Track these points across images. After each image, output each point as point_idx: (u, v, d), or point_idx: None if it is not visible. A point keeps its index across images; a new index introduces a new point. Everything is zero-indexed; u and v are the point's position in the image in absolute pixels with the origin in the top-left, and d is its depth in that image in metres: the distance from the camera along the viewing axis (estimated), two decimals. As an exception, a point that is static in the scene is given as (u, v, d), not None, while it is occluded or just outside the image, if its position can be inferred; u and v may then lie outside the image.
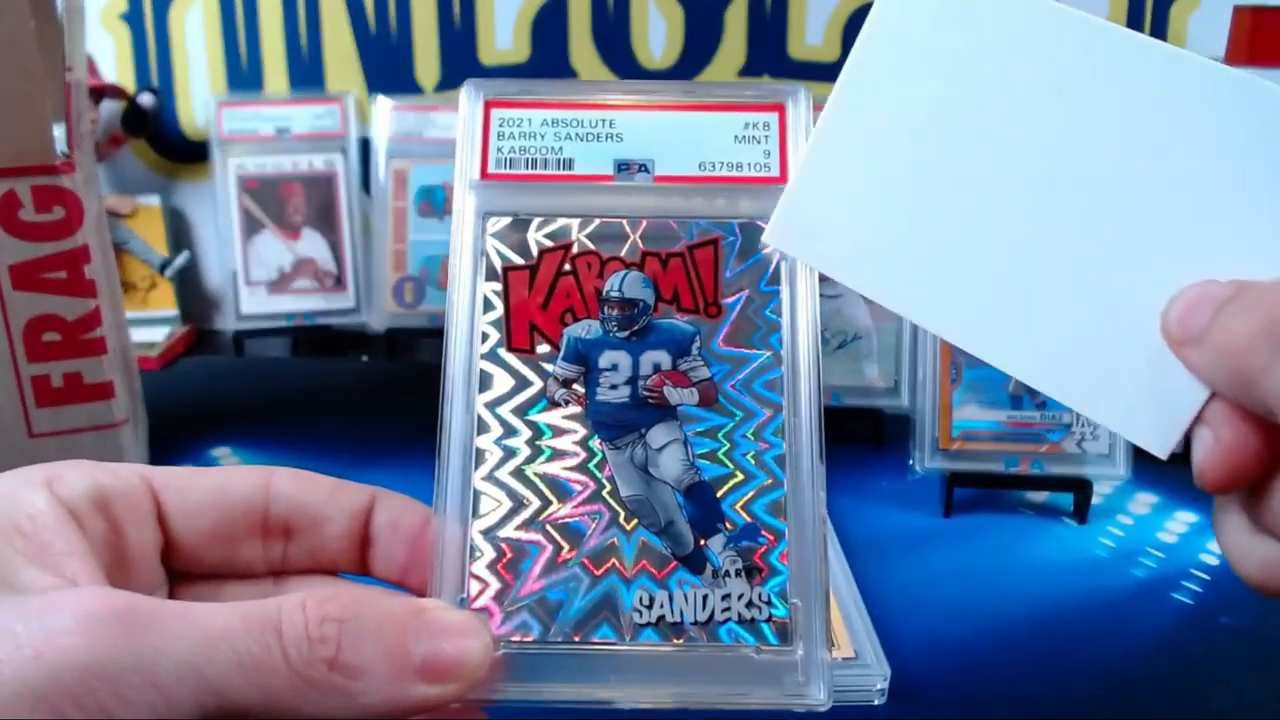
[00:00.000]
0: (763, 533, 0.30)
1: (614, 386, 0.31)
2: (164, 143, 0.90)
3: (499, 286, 0.32)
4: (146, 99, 0.86)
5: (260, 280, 0.84)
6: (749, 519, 0.30)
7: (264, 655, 0.24)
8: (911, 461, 0.59)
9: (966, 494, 0.59)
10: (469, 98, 0.33)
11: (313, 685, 0.24)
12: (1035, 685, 0.44)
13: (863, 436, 0.67)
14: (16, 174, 0.50)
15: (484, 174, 0.33)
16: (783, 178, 0.32)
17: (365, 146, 0.86)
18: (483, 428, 0.31)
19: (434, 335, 0.82)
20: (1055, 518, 0.58)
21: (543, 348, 0.31)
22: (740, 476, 0.30)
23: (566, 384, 0.31)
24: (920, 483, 0.59)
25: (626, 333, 0.31)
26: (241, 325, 0.84)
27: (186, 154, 0.90)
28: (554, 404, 0.31)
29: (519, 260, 0.32)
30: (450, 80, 0.88)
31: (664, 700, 0.29)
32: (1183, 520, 0.58)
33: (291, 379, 0.81)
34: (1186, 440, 0.29)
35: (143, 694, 0.22)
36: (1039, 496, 0.60)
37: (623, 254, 0.32)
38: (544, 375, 0.31)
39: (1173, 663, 0.46)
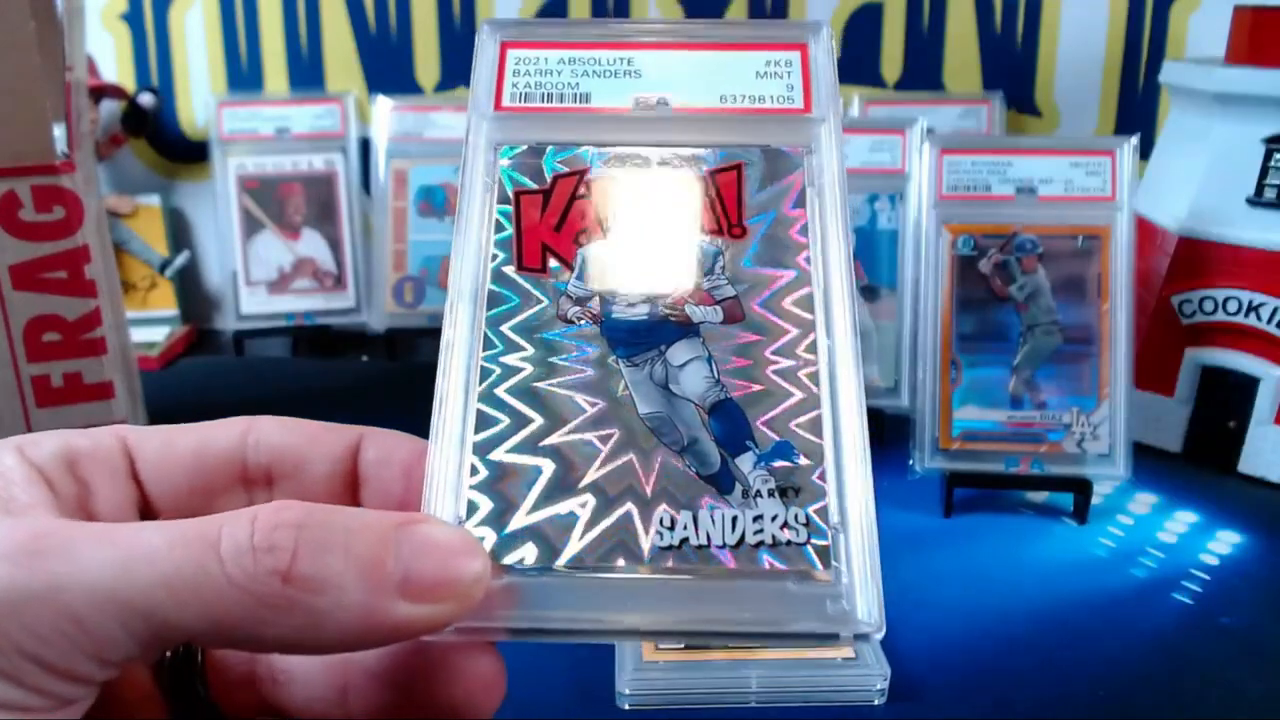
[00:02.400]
0: (798, 450, 0.27)
1: (631, 305, 0.29)
2: (164, 143, 0.90)
3: (509, 209, 0.30)
4: (146, 99, 0.86)
5: (260, 280, 0.84)
6: (783, 436, 0.27)
7: (196, 573, 0.21)
8: (911, 461, 0.59)
9: (966, 494, 0.59)
10: (485, 38, 0.32)
11: (265, 603, 0.21)
12: (1035, 685, 0.44)
13: (863, 436, 0.67)
14: (16, 174, 0.50)
15: (498, 105, 0.31)
16: (808, 109, 0.31)
17: (365, 146, 0.86)
18: (488, 345, 0.28)
19: (434, 335, 0.82)
20: (1055, 518, 0.58)
21: (555, 266, 0.29)
22: (772, 394, 0.28)
23: (581, 303, 0.29)
24: (920, 483, 0.59)
25: None
26: (241, 325, 0.84)
27: (186, 154, 0.90)
28: (566, 322, 0.29)
29: (532, 185, 0.30)
30: (450, 80, 0.87)
31: (689, 628, 0.26)
32: (1183, 520, 0.58)
33: (291, 379, 0.81)
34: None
35: (55, 624, 0.21)
36: (1039, 496, 0.60)
37: None
38: (556, 292, 0.29)
39: (1173, 663, 0.46)
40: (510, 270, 0.29)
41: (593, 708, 0.42)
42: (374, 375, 0.83)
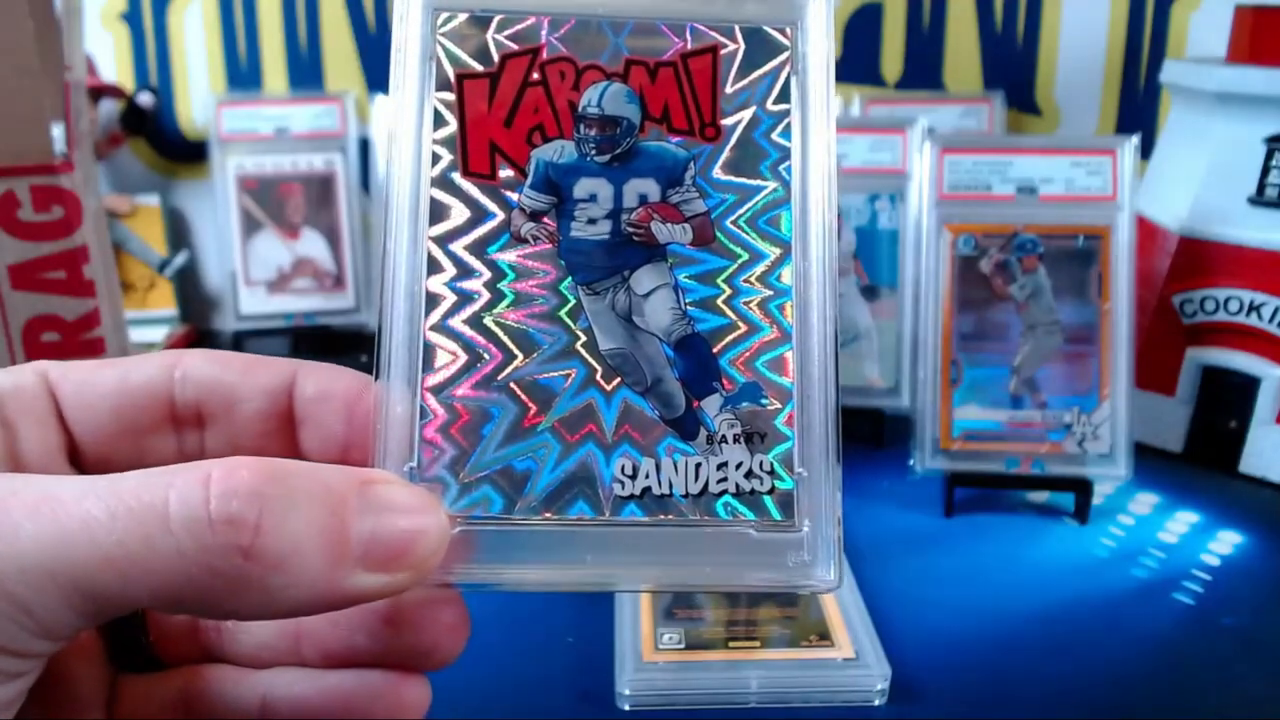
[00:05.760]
0: (766, 393, 0.26)
1: (592, 221, 0.26)
2: (163, 142, 0.90)
3: (451, 97, 0.26)
4: (145, 98, 0.86)
5: (259, 280, 0.84)
6: (750, 377, 0.26)
7: (142, 548, 0.19)
8: (912, 462, 0.59)
9: (967, 494, 0.59)
10: None
11: (220, 577, 0.20)
12: (1036, 685, 0.44)
13: (863, 436, 0.67)
14: (15, 174, 0.49)
15: None
16: None
17: (365, 146, 0.86)
18: (434, 267, 0.26)
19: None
20: (1056, 518, 0.58)
21: (506, 172, 0.26)
22: (741, 328, 0.26)
23: (535, 217, 0.26)
24: (921, 483, 0.59)
25: (607, 157, 0.26)
26: (241, 325, 0.84)
27: (185, 153, 0.90)
28: (519, 240, 0.26)
29: (476, 66, 0.26)
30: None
31: (649, 582, 0.26)
32: (1184, 520, 0.58)
33: (291, 379, 0.81)
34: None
35: None
36: (1040, 497, 0.60)
37: (603, 62, 0.27)
38: (508, 205, 0.26)
39: (1173, 663, 0.46)
40: (456, 176, 0.26)
41: (593, 708, 0.42)
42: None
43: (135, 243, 0.86)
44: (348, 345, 0.86)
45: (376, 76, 0.87)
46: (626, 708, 0.42)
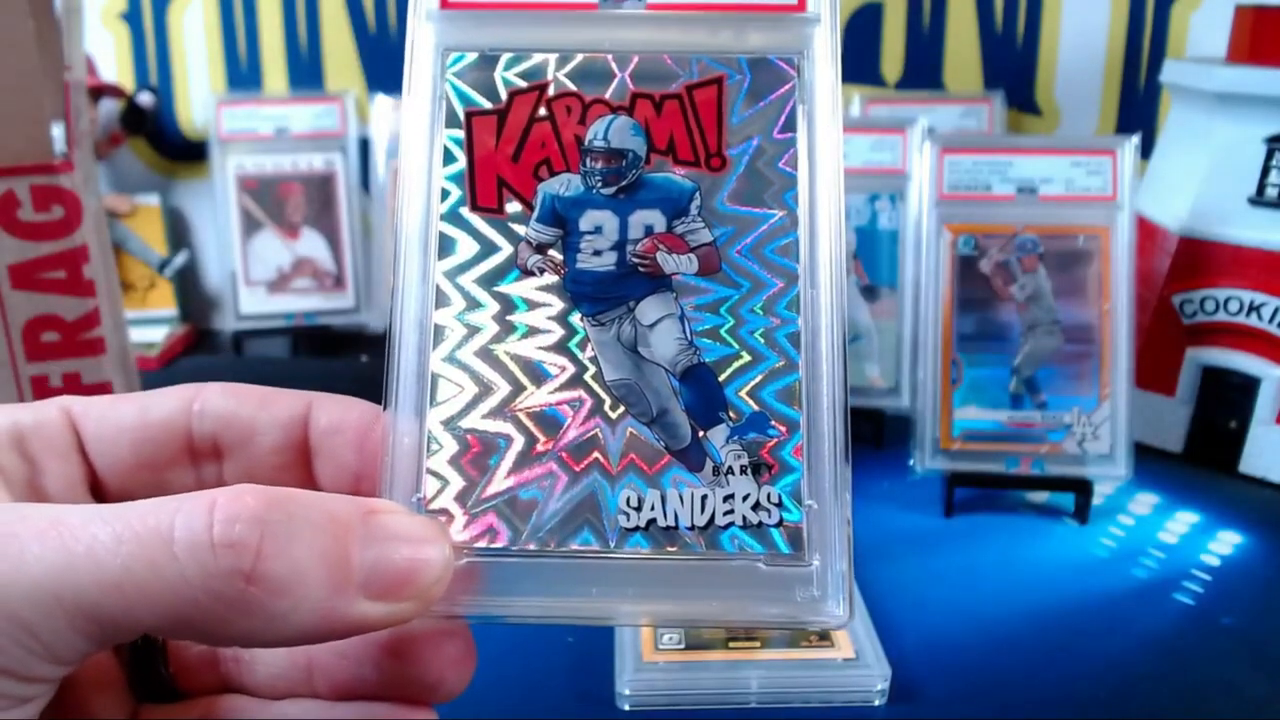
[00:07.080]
0: (773, 423, 0.26)
1: (598, 252, 0.27)
2: (163, 142, 0.90)
3: (460, 134, 0.27)
4: (145, 98, 0.86)
5: (259, 280, 0.84)
6: (757, 407, 0.26)
7: (147, 573, 0.20)
8: (912, 462, 0.59)
9: (967, 494, 0.59)
10: None
11: (223, 602, 0.20)
12: (1036, 686, 0.44)
13: (863, 437, 0.67)
14: (15, 173, 0.49)
15: (444, 3, 0.27)
16: (801, 6, 0.27)
17: (365, 146, 0.86)
18: (442, 301, 0.26)
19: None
20: (1056, 518, 0.58)
21: (513, 206, 0.27)
22: (747, 358, 0.26)
23: (541, 249, 0.27)
24: (921, 483, 0.59)
25: (613, 189, 0.27)
26: (241, 325, 0.84)
27: (185, 153, 0.90)
28: (527, 273, 0.26)
29: (485, 104, 0.27)
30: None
31: (654, 616, 0.26)
32: (1184, 520, 0.58)
33: (291, 379, 0.80)
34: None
35: (3, 630, 0.19)
36: (1040, 497, 0.60)
37: (608, 96, 0.27)
38: (515, 239, 0.27)
39: (1173, 663, 0.46)
40: (464, 211, 0.27)
41: (593, 708, 0.42)
42: (374, 375, 0.83)
43: (135, 243, 0.86)
44: (348, 345, 0.86)
45: (376, 76, 0.88)
46: (626, 708, 0.42)
